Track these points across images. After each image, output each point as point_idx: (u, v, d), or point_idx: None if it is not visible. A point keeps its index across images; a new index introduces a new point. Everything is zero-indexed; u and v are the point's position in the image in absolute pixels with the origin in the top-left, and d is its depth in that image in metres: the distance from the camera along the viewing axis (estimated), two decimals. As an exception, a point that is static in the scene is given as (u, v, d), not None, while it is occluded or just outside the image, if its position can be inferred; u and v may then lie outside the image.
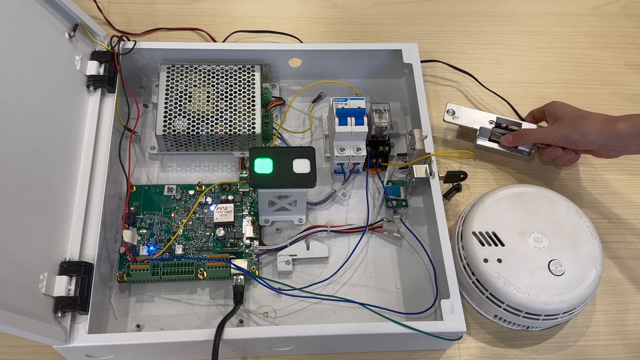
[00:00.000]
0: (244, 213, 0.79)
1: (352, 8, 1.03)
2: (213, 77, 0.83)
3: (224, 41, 0.96)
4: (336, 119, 0.78)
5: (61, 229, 0.69)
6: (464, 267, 0.75)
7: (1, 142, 0.61)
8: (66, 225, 0.70)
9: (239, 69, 0.84)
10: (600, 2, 1.07)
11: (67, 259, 0.68)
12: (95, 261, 0.69)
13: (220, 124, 0.80)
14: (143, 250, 0.76)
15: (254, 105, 0.82)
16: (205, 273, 0.74)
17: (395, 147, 0.86)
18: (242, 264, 0.74)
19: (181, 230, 0.78)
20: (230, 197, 0.80)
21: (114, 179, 0.78)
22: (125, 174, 0.79)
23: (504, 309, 0.72)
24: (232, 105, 0.81)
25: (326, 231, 0.79)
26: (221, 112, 0.81)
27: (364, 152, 0.79)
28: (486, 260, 0.73)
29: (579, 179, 0.88)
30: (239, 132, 0.80)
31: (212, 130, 0.79)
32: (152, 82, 0.88)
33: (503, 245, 0.74)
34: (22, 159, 0.64)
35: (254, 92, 0.83)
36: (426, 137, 0.80)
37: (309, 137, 0.88)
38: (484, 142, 0.87)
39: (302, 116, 0.90)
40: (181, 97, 0.81)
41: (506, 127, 0.86)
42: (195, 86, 0.82)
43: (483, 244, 0.74)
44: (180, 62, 0.84)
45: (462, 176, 0.81)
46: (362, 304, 0.73)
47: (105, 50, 0.82)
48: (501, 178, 0.88)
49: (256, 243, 0.77)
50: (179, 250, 0.76)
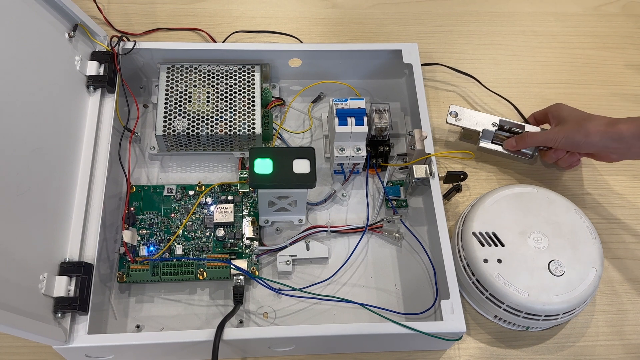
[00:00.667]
0: (243, 213, 0.79)
1: (352, 8, 1.03)
2: (213, 78, 0.83)
3: (224, 41, 0.96)
4: (336, 119, 0.78)
5: (61, 229, 0.69)
6: (464, 268, 0.75)
7: (1, 142, 0.61)
8: (66, 226, 0.70)
9: (239, 69, 0.84)
10: (600, 2, 1.07)
11: (67, 259, 0.68)
12: (95, 261, 0.69)
13: (220, 124, 0.80)
14: (143, 251, 0.76)
15: (253, 106, 0.82)
16: (205, 273, 0.74)
17: (395, 147, 0.86)
18: (242, 264, 0.74)
19: (181, 231, 0.77)
20: (230, 198, 0.80)
21: (113, 179, 0.78)
22: (125, 174, 0.79)
23: (504, 309, 0.72)
24: (232, 106, 0.81)
25: (326, 231, 0.79)
26: (221, 113, 0.81)
27: (363, 153, 0.79)
28: (486, 261, 0.73)
29: (579, 179, 0.88)
30: (238, 133, 0.80)
31: (212, 131, 0.79)
32: (152, 83, 0.88)
33: (503, 245, 0.74)
34: (22, 159, 0.64)
35: (253, 93, 0.83)
36: (426, 137, 0.80)
37: (308, 138, 0.88)
38: (486, 144, 0.87)
39: (302, 116, 0.90)
40: (181, 97, 0.81)
41: (509, 129, 0.85)
42: (195, 86, 0.82)
43: (483, 244, 0.74)
44: (180, 63, 0.84)
45: (461, 176, 0.81)
46: (362, 305, 0.73)
47: (105, 50, 0.82)
48: (502, 179, 0.88)
49: (256, 243, 0.77)
50: (178, 251, 0.76)
